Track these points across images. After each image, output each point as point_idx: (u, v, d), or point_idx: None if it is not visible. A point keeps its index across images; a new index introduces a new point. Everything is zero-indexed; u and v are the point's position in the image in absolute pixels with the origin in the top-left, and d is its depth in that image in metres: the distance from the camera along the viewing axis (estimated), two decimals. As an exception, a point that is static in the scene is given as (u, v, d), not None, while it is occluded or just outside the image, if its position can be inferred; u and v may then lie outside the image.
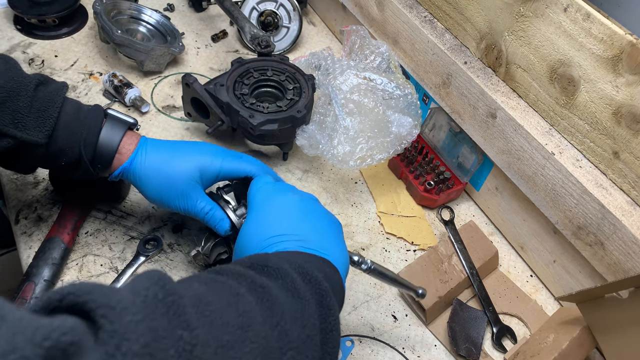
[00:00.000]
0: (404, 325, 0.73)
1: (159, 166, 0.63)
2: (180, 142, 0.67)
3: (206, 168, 0.64)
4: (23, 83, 0.59)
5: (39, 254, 0.69)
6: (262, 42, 0.91)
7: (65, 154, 0.61)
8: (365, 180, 0.90)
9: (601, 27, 0.59)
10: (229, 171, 0.65)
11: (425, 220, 0.86)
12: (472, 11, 0.77)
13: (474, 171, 0.85)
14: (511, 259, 0.83)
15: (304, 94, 0.85)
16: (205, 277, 0.44)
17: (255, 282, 0.43)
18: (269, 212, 0.58)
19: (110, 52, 1.03)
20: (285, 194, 0.60)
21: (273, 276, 0.46)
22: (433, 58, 0.84)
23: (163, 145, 0.65)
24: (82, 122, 0.62)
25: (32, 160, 0.62)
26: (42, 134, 0.59)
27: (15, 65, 0.61)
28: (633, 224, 0.61)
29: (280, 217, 0.57)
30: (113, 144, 0.63)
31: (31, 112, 0.59)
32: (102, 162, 0.63)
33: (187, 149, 0.65)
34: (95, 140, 0.62)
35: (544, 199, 0.72)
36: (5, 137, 0.58)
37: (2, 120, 0.57)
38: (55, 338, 0.26)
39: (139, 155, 0.63)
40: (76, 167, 0.63)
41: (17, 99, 0.58)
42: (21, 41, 1.02)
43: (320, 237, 0.56)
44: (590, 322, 0.64)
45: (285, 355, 0.40)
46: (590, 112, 0.64)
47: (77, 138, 0.61)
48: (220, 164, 0.65)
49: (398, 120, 0.81)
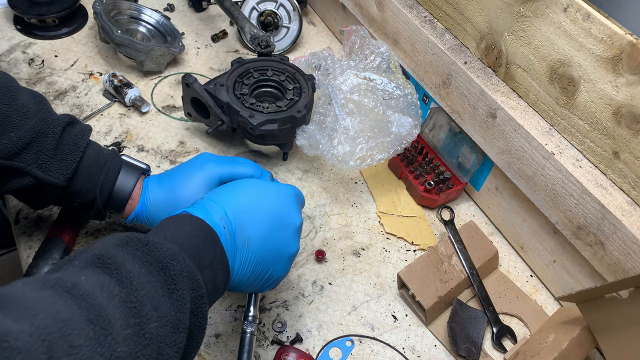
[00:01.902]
0: (404, 325, 0.73)
1: (165, 198, 0.64)
2: (177, 168, 0.68)
3: (209, 183, 0.65)
4: (52, 125, 0.60)
5: (39, 254, 0.69)
6: (262, 42, 0.91)
7: (81, 196, 0.63)
8: (365, 180, 0.90)
9: (601, 27, 0.59)
10: (227, 177, 0.66)
11: (425, 220, 0.86)
12: (472, 11, 0.77)
13: (474, 171, 0.85)
14: (511, 259, 0.83)
15: (304, 94, 0.85)
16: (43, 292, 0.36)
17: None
18: (222, 188, 0.57)
19: (110, 52, 1.03)
20: (254, 179, 0.61)
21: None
22: (433, 58, 0.84)
23: (163, 178, 0.66)
24: (102, 167, 0.63)
25: (47, 199, 0.64)
26: (64, 176, 0.60)
27: (46, 106, 0.62)
28: (633, 224, 0.61)
29: (225, 189, 0.56)
30: (127, 190, 0.64)
31: (56, 155, 0.60)
32: (115, 207, 0.65)
33: (186, 171, 0.66)
34: (111, 186, 0.63)
35: (544, 199, 0.72)
36: (27, 176, 0.59)
37: (26, 159, 0.58)
38: None
39: (145, 197, 0.65)
40: (89, 208, 0.64)
41: (44, 140, 0.59)
42: (21, 41, 1.02)
43: (256, 224, 0.54)
44: (590, 322, 0.64)
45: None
46: (590, 112, 0.64)
47: (94, 182, 0.63)
48: (220, 173, 0.65)
49: (398, 120, 0.81)
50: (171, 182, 0.65)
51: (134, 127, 0.91)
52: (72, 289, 0.35)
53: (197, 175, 0.65)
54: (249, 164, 0.68)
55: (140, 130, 0.91)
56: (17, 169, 0.58)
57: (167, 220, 0.50)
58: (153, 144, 0.89)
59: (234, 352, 0.67)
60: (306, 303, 0.73)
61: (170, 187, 0.65)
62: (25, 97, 0.60)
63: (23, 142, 0.58)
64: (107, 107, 0.93)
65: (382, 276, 0.78)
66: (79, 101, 0.93)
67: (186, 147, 0.90)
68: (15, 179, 0.59)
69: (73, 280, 0.36)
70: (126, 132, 0.90)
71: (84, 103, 0.93)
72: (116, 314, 0.35)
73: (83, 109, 0.92)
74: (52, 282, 0.35)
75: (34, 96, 0.62)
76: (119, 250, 0.41)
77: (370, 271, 0.78)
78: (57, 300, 0.33)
